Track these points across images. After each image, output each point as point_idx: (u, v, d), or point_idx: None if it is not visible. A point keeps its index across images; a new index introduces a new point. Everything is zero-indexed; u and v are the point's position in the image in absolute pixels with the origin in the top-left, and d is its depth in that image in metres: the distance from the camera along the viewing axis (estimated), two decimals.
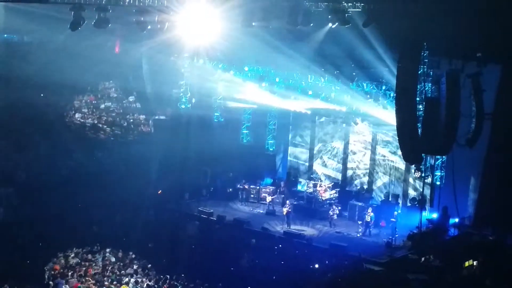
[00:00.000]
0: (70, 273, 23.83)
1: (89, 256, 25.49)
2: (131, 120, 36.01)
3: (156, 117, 36.35)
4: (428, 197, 30.20)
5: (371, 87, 31.17)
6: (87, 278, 23.39)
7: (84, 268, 24.34)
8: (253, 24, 27.13)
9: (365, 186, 34.07)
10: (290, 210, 30.78)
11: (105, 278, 23.47)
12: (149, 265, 24.90)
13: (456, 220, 29.44)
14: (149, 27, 27.12)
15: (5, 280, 22.09)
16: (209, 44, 30.90)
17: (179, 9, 27.00)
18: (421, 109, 26.35)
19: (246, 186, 34.19)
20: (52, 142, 32.69)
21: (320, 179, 34.98)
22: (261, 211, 32.67)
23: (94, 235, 27.72)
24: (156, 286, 23.11)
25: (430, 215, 29.73)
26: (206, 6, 27.17)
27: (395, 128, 25.73)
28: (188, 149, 33.95)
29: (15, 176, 30.86)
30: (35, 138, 32.11)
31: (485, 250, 26.50)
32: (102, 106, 35.74)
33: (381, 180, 33.72)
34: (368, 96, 31.31)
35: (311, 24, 27.52)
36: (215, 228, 30.03)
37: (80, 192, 30.30)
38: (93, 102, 35.56)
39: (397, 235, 28.34)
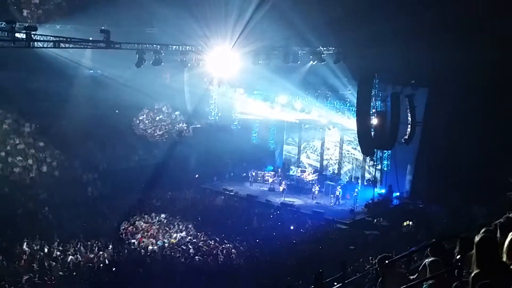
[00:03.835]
0: (137, 232, 24.03)
1: (150, 219, 25.56)
2: (177, 128, 36.00)
3: (194, 126, 36.40)
4: (378, 178, 30.32)
5: (340, 104, 31.38)
6: (148, 234, 23.55)
7: (146, 228, 24.49)
8: (259, 62, 27.50)
9: (336, 171, 34.11)
10: (285, 188, 31.01)
11: (160, 235, 23.53)
12: (190, 225, 24.88)
13: (398, 194, 29.66)
14: (189, 64, 27.51)
15: (94, 237, 22.34)
16: (230, 75, 31.24)
17: (209, 52, 27.47)
18: (373, 119, 26.50)
19: (255, 172, 34.17)
20: (123, 143, 32.89)
21: (305, 166, 35.14)
22: (265, 189, 32.53)
23: (153, 205, 27.92)
24: (195, 239, 23.14)
25: (380, 190, 29.93)
26: (228, 50, 27.66)
27: (356, 131, 26.09)
28: (215, 147, 33.73)
29: (98, 166, 31.10)
30: (112, 141, 32.26)
31: (417, 214, 26.76)
32: (158, 118, 35.75)
33: (346, 167, 33.75)
34: (337, 110, 31.52)
35: (299, 62, 27.96)
36: (234, 201, 30.15)
37: (143, 176, 30.53)
38: (151, 115, 35.58)
39: (357, 205, 28.54)
